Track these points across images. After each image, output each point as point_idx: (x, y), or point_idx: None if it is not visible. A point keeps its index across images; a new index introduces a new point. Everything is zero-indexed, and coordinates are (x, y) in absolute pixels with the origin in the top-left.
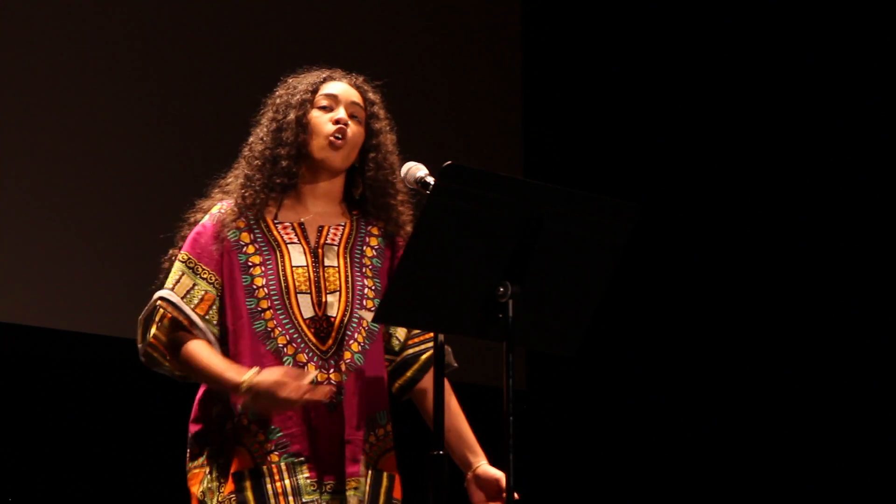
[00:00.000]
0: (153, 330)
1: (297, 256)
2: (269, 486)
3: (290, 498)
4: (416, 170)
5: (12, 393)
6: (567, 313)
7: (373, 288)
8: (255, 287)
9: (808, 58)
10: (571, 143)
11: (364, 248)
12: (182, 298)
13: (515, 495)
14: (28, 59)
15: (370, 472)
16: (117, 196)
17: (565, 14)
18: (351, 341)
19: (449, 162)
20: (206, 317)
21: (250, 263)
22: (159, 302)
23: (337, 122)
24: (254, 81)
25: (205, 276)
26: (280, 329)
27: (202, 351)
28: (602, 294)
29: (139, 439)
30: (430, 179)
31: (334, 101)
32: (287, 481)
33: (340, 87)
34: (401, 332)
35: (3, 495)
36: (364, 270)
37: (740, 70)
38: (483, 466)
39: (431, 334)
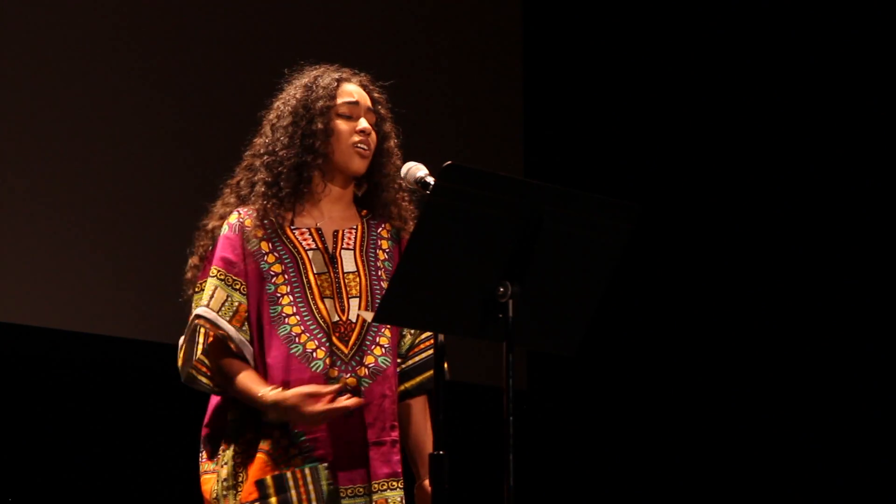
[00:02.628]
0: (198, 351)
1: (318, 263)
2: (293, 493)
3: None
4: (416, 170)
5: (12, 393)
6: (567, 313)
7: None
8: (278, 295)
9: (809, 58)
10: (571, 143)
11: (377, 250)
12: (218, 313)
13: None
14: (30, 58)
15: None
16: (119, 196)
17: (565, 14)
18: (373, 346)
19: (449, 162)
20: (242, 328)
21: (272, 272)
22: (198, 321)
23: (361, 131)
24: (256, 83)
25: (237, 287)
26: (308, 335)
27: (234, 367)
28: (602, 294)
29: (139, 439)
30: (430, 179)
31: (355, 107)
32: (311, 487)
33: (357, 92)
34: (411, 334)
35: (3, 495)
36: (379, 273)
37: (741, 70)
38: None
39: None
